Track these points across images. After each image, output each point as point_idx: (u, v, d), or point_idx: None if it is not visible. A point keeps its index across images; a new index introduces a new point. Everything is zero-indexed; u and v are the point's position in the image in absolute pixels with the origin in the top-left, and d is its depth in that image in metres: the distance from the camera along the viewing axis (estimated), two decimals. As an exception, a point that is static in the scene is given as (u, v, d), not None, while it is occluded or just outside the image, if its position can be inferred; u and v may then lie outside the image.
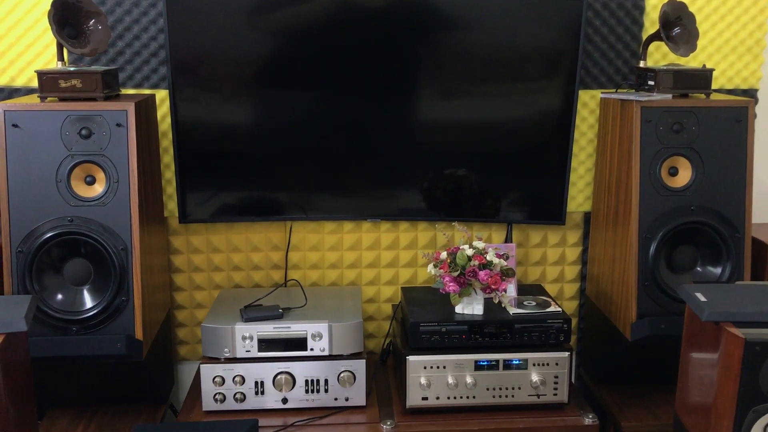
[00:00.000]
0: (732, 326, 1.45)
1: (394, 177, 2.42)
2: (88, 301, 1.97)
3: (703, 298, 1.51)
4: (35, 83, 2.13)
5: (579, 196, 2.55)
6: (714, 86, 2.47)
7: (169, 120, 2.30)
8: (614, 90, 2.41)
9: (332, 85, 2.29)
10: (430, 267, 2.14)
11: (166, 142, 2.38)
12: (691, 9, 2.25)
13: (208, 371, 2.10)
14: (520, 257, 2.58)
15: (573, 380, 2.60)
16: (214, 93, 2.28)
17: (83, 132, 1.94)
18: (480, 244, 2.12)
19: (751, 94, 2.52)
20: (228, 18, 2.21)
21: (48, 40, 2.27)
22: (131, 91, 2.33)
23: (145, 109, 2.11)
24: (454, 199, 2.43)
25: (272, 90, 2.29)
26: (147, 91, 2.33)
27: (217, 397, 2.11)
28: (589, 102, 2.48)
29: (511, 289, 2.25)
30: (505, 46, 2.30)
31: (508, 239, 2.49)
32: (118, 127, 1.95)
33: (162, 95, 2.34)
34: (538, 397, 2.12)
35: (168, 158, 2.40)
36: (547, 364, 2.10)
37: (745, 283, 2.04)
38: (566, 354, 2.11)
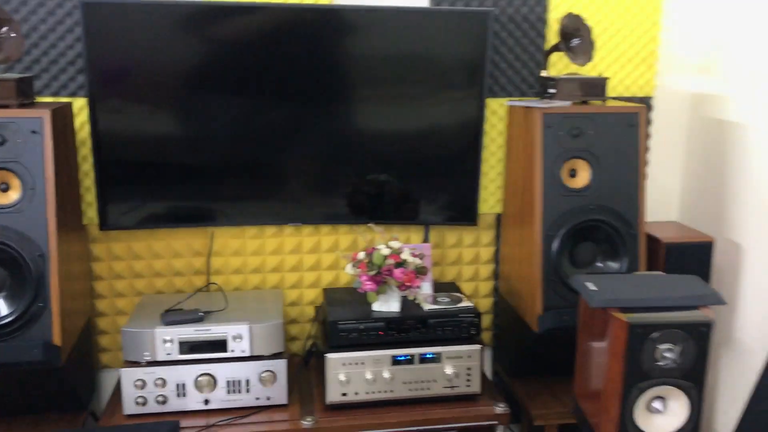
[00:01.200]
0: (617, 311, 1.59)
1: (315, 183, 2.50)
2: (4, 309, 1.97)
3: (592, 287, 1.64)
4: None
5: (491, 198, 2.68)
6: (613, 94, 2.66)
7: (87, 128, 2.31)
8: (520, 98, 2.56)
9: (252, 95, 2.35)
10: (349, 267, 2.22)
11: (85, 150, 2.39)
12: (590, 22, 2.42)
13: (129, 375, 2.12)
14: (438, 258, 2.69)
15: (490, 375, 2.74)
16: (132, 101, 2.31)
17: (-3, 139, 1.94)
18: (396, 244, 2.21)
19: (646, 101, 2.70)
20: (146, 27, 2.25)
21: (-40, 47, 2.25)
22: (48, 99, 2.33)
23: (62, 116, 2.12)
24: (375, 203, 2.52)
25: (192, 99, 2.34)
26: (64, 99, 2.33)
27: (138, 400, 2.13)
28: (498, 110, 2.61)
29: (426, 287, 2.35)
30: (418, 58, 2.41)
31: (425, 241, 2.60)
32: (33, 134, 1.96)
33: (80, 103, 2.35)
34: (452, 389, 2.23)
35: (87, 166, 2.41)
36: (460, 357, 2.21)
37: (632, 273, 2.20)
38: (477, 347, 2.22)
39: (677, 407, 1.61)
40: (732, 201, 2.50)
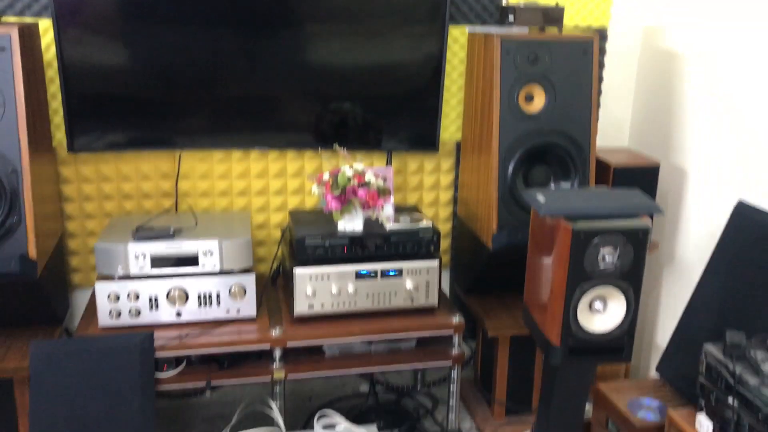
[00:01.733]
0: (564, 220, 1.72)
1: (280, 110, 2.56)
2: (-21, 223, 2.02)
3: (542, 199, 1.77)
4: None
5: (452, 126, 2.78)
6: (570, 23, 2.75)
7: (53, 50, 2.33)
8: (479, 25, 2.63)
9: (218, 24, 2.39)
10: (314, 187, 2.31)
11: (51, 72, 2.41)
12: (548, -48, 2.49)
13: (104, 288, 2.21)
14: (400, 183, 2.79)
15: (448, 294, 2.89)
16: (97, 21, 2.32)
17: (-34, 56, 1.97)
18: (359, 166, 2.31)
19: (601, 32, 2.80)
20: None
21: None
22: (13, 19, 2.34)
23: (30, 35, 2.14)
24: (340, 130, 2.60)
25: (156, 27, 2.36)
26: (30, 19, 2.34)
27: (112, 313, 2.22)
28: (460, 38, 2.69)
29: (389, 208, 2.46)
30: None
31: (388, 166, 2.70)
32: (2, 51, 1.99)
33: (45, 25, 2.36)
34: (412, 302, 2.36)
35: (54, 88, 2.43)
36: (419, 273, 2.34)
37: (579, 188, 2.35)
38: (435, 263, 2.35)
39: (616, 307, 1.76)
40: (677, 128, 2.64)
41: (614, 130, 2.95)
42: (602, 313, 1.76)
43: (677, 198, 2.64)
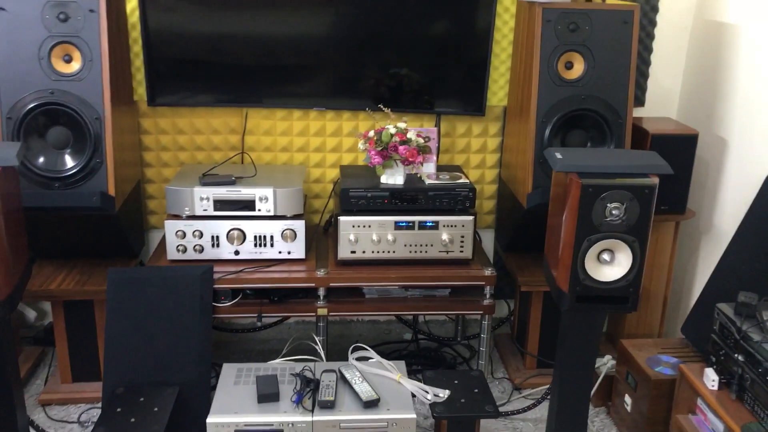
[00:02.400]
0: (575, 176, 1.85)
1: (341, 75, 2.78)
2: (69, 162, 2.34)
3: (559, 156, 1.91)
4: (18, -26, 2.44)
5: (500, 92, 2.92)
6: (621, -5, 2.82)
7: (137, 14, 2.62)
8: (527, -5, 2.75)
9: (288, 2, 2.63)
10: (360, 143, 2.52)
11: (135, 34, 2.70)
12: (598, -76, 2.58)
13: (172, 226, 2.50)
14: (448, 145, 2.96)
15: (492, 252, 3.05)
16: (177, -11, 2.60)
17: (61, 16, 2.27)
18: (402, 125, 2.50)
19: (652, 3, 2.86)
20: None
21: (28, -64, 2.56)
22: (102, -15, 2.63)
23: (115, 0, 2.43)
24: (393, 93, 2.79)
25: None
26: (117, -15, 2.63)
27: (179, 248, 2.51)
28: (510, 7, 2.81)
29: (431, 167, 2.64)
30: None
31: (437, 128, 2.87)
32: (91, 12, 2.28)
33: (131, -10, 2.65)
34: (447, 253, 2.55)
35: (137, 48, 2.73)
36: (455, 226, 2.52)
37: (598, 148, 2.45)
38: (470, 218, 2.52)
39: (623, 259, 1.88)
40: (722, 99, 2.68)
41: (663, 100, 3.00)
42: (610, 265, 1.89)
43: (718, 168, 2.70)
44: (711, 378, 2.10)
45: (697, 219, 2.81)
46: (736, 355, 2.03)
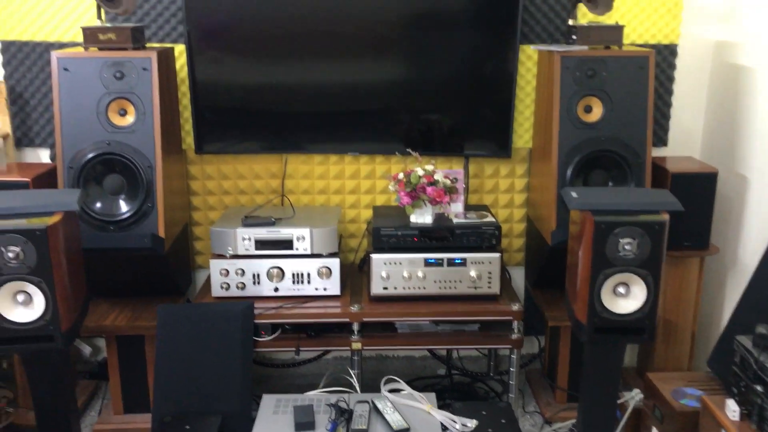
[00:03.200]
0: (589, 213, 1.97)
1: (374, 121, 2.95)
2: (123, 206, 2.55)
3: (574, 195, 2.03)
4: (78, 39, 2.71)
5: (525, 135, 3.06)
6: (639, 41, 2.96)
7: (186, 70, 2.85)
8: (548, 44, 2.90)
9: (326, 52, 2.83)
10: (390, 185, 2.68)
11: (184, 88, 2.93)
12: (617, -25, 2.74)
13: (216, 265, 2.68)
14: (476, 185, 3.10)
15: (522, 288, 3.15)
16: (225, 49, 2.82)
17: (117, 74, 2.50)
18: (430, 167, 2.65)
19: (672, 48, 2.98)
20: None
21: (90, 3, 2.83)
22: (155, 45, 2.88)
23: (166, 58, 2.66)
24: (424, 138, 2.96)
25: (273, 53, 2.82)
26: (167, 45, 2.88)
27: (223, 285, 2.69)
28: (533, 55, 2.97)
29: (458, 206, 2.78)
30: (461, 12, 2.80)
31: (465, 170, 3.01)
32: (144, 71, 2.51)
33: (180, 49, 2.89)
34: (476, 289, 2.66)
35: (186, 101, 2.95)
36: (482, 263, 2.64)
37: (612, 187, 2.55)
38: (497, 255, 2.64)
39: (638, 292, 1.98)
40: (741, 138, 2.77)
41: (685, 140, 3.09)
42: (625, 297, 1.99)
43: (740, 204, 2.77)
44: (732, 409, 2.16)
45: (722, 254, 2.87)
46: (755, 386, 2.08)
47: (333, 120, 2.96)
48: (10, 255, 1.92)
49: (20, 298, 1.98)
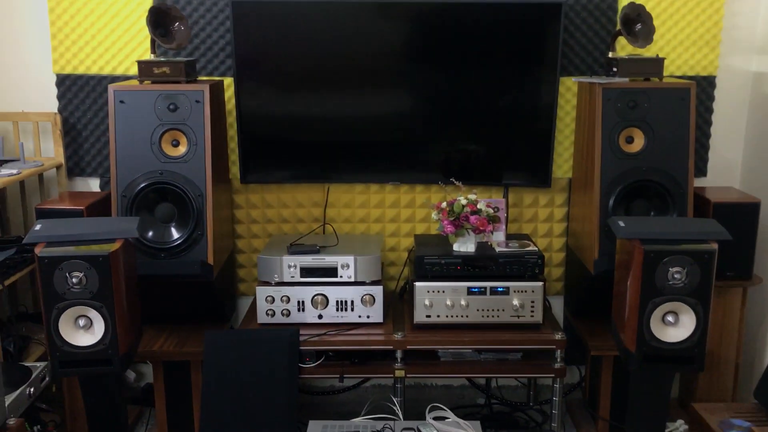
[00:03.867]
0: (638, 242, 2.00)
1: (414, 150, 3.01)
2: (175, 234, 2.62)
3: (622, 224, 2.06)
4: (133, 71, 2.83)
5: (565, 165, 3.09)
6: (678, 73, 3.00)
7: (233, 101, 2.94)
8: (588, 76, 2.95)
9: (366, 84, 2.91)
10: (434, 214, 2.72)
11: (230, 119, 3.02)
12: (658, 9, 2.81)
13: (262, 292, 2.73)
14: (516, 215, 3.13)
15: (562, 318, 3.16)
16: (270, 83, 2.91)
17: (171, 107, 2.59)
18: (472, 197, 2.69)
19: (710, 80, 3.02)
20: (281, 24, 2.83)
21: (142, 38, 2.94)
22: (205, 78, 2.98)
23: (216, 91, 2.75)
24: (463, 167, 3.00)
25: (317, 85, 2.90)
26: (217, 78, 2.97)
27: (268, 312, 2.73)
28: (572, 86, 3.02)
29: (500, 235, 2.81)
30: (503, 43, 2.86)
31: (505, 199, 3.05)
32: (197, 103, 2.59)
33: (228, 81, 2.98)
34: (518, 318, 2.68)
35: (232, 132, 3.04)
36: (525, 291, 2.66)
37: (659, 216, 2.56)
38: (540, 284, 2.66)
39: (686, 320, 1.99)
40: (783, 168, 2.78)
41: (725, 170, 3.11)
42: (674, 326, 2.01)
43: (783, 234, 2.77)
44: (782, 440, 2.14)
45: (765, 285, 2.87)
46: (806, 417, 2.08)
47: (374, 150, 3.02)
48: (74, 281, 1.99)
49: (81, 322, 2.05)
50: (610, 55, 2.81)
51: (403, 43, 2.88)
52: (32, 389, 2.31)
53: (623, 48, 2.94)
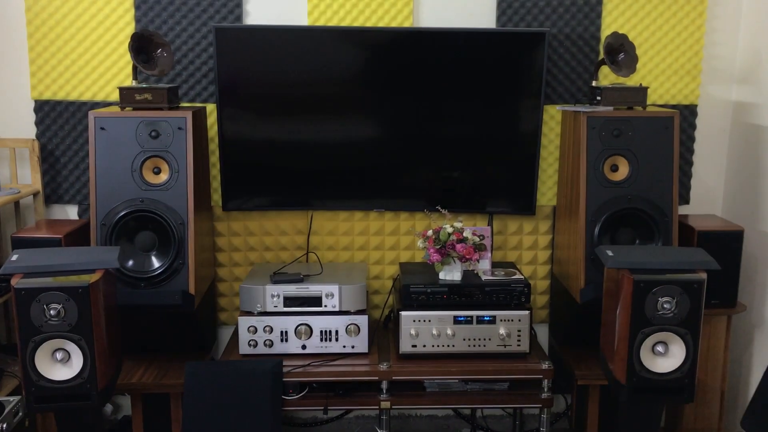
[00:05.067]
0: (627, 272, 1.99)
1: (398, 178, 3.00)
2: (155, 263, 2.56)
3: (610, 253, 2.05)
4: (113, 97, 2.79)
5: (549, 192, 3.09)
6: (660, 102, 3.02)
7: (216, 128, 2.91)
8: (571, 104, 2.96)
9: (347, 111, 2.90)
10: (419, 242, 2.69)
11: (213, 146, 2.98)
12: (640, 39, 2.83)
13: (244, 322, 2.67)
14: (500, 243, 3.12)
15: (547, 347, 3.14)
16: (253, 109, 2.88)
17: (152, 133, 2.55)
18: (458, 224, 2.67)
19: (691, 108, 3.05)
20: (264, 51, 2.82)
21: (123, 64, 2.90)
22: (187, 104, 2.94)
23: (199, 117, 2.72)
24: (447, 195, 2.99)
25: (299, 111, 2.88)
26: (199, 104, 2.94)
27: (251, 343, 2.68)
28: (556, 115, 3.03)
29: (486, 263, 2.79)
30: (486, 71, 2.87)
31: (490, 227, 3.03)
32: (179, 130, 2.55)
33: (210, 108, 2.95)
34: (505, 347, 2.65)
35: (213, 158, 3.00)
36: (512, 320, 2.64)
37: (646, 245, 2.56)
38: (527, 312, 2.64)
39: (676, 351, 1.98)
40: (764, 196, 2.80)
41: (707, 198, 3.13)
42: (664, 356, 1.99)
43: (765, 263, 2.78)
44: (773, 470, 2.13)
45: (749, 312, 2.87)
46: (796, 447, 2.06)
47: (358, 177, 2.99)
48: (52, 312, 1.93)
49: (59, 355, 1.98)
50: (594, 83, 2.83)
51: (387, 70, 2.88)
52: (5, 425, 2.22)
53: (606, 77, 2.96)
